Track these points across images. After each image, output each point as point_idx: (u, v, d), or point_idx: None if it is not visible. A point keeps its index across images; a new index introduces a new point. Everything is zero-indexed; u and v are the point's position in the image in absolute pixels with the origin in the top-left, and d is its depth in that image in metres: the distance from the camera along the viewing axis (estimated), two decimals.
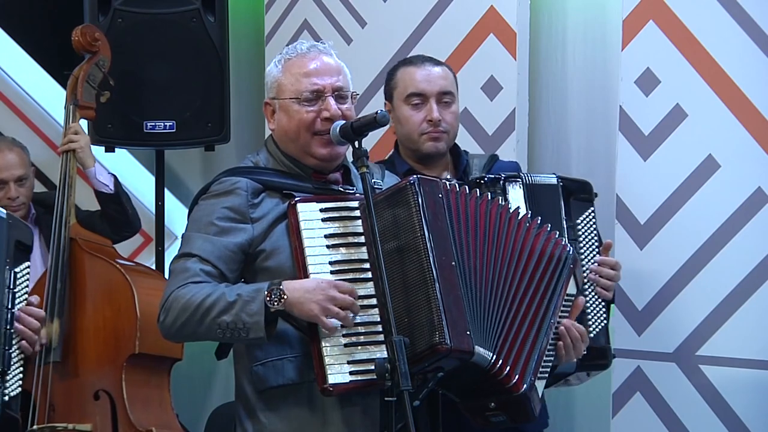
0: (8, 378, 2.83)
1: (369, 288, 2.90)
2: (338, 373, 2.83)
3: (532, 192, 3.37)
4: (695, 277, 4.00)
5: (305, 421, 2.93)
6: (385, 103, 3.61)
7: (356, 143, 2.94)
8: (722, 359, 3.98)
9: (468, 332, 2.86)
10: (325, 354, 2.83)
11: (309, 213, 2.93)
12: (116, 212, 4.48)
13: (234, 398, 3.10)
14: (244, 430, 3.02)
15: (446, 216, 2.96)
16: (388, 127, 3.10)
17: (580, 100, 4.53)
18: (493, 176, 3.39)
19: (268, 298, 2.83)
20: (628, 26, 4.15)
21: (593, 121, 4.49)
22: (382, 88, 3.64)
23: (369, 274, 2.91)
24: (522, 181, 3.36)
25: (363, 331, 2.87)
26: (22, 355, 2.88)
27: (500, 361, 2.93)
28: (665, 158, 4.09)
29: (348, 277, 2.89)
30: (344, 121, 2.99)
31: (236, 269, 2.97)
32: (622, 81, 4.17)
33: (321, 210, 2.95)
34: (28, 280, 2.89)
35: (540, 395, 3.08)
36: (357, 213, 2.96)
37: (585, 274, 3.37)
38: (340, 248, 2.93)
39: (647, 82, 4.11)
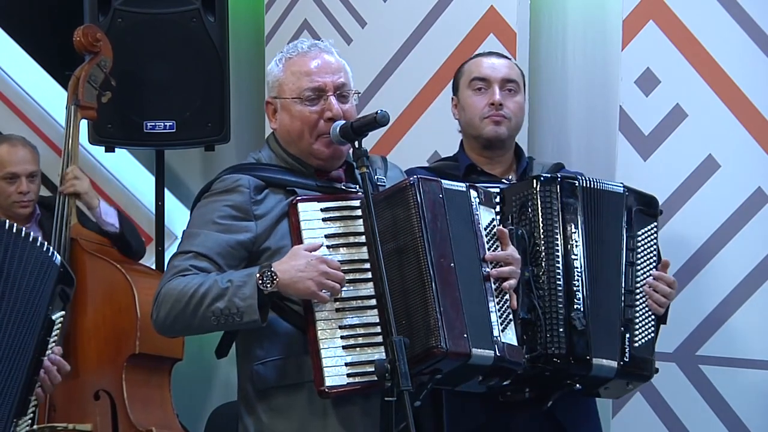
0: (20, 422, 2.81)
1: (369, 288, 2.90)
2: (336, 375, 2.82)
3: (590, 196, 3.36)
4: (695, 277, 3.99)
5: (306, 421, 2.92)
6: (452, 98, 3.61)
7: (356, 143, 2.92)
8: (722, 359, 3.98)
9: (465, 335, 2.85)
10: (323, 356, 2.82)
11: (310, 213, 2.92)
12: (121, 249, 4.45)
13: (234, 398, 3.10)
14: (245, 429, 3.01)
15: (446, 216, 2.96)
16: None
17: (580, 100, 4.53)
18: (550, 175, 3.37)
19: (260, 281, 2.82)
20: (628, 26, 4.14)
21: (593, 121, 4.49)
22: (382, 88, 3.64)
23: (369, 275, 2.90)
24: (580, 184, 3.35)
25: (361, 332, 2.87)
26: (36, 403, 2.85)
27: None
28: (665, 158, 4.09)
29: (348, 277, 2.88)
30: (344, 121, 2.97)
31: (236, 265, 2.94)
32: (622, 81, 4.17)
33: (322, 209, 2.93)
34: (60, 328, 2.87)
35: None
36: (358, 212, 2.95)
37: (639, 287, 3.37)
38: (341, 248, 2.92)
39: (647, 82, 4.11)
